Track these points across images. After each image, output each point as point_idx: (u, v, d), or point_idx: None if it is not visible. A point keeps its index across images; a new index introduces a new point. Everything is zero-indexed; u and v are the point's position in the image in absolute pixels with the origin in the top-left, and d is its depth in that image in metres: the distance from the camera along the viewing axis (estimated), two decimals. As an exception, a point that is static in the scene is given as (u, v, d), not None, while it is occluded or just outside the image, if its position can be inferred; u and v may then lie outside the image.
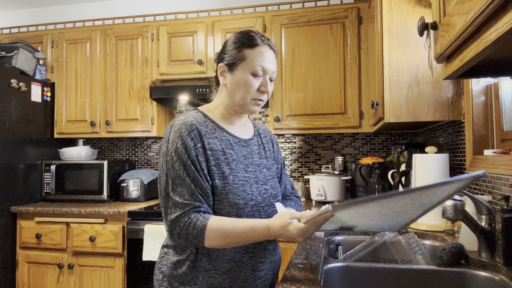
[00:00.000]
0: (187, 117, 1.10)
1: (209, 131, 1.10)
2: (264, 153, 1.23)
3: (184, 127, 1.07)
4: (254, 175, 1.13)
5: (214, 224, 0.99)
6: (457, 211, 1.15)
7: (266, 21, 2.72)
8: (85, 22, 3.30)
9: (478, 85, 1.60)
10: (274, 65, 1.14)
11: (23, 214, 2.67)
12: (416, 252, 1.32)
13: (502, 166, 1.27)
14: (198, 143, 1.05)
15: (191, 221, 1.00)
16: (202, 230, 0.99)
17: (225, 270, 1.06)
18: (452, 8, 0.80)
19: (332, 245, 1.60)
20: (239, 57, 1.11)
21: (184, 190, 1.02)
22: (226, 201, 1.05)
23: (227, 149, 1.10)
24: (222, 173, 1.06)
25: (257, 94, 1.12)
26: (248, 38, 1.12)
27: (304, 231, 0.93)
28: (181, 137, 1.05)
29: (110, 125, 2.95)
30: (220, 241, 1.00)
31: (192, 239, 1.01)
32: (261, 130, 1.29)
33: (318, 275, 1.04)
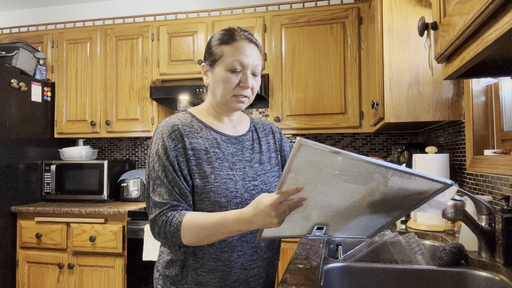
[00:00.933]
0: (171, 119, 1.12)
1: (193, 131, 1.10)
2: (258, 148, 1.19)
3: (165, 128, 1.08)
4: (241, 172, 1.11)
5: (188, 219, 0.99)
6: (457, 211, 1.15)
7: (266, 21, 2.72)
8: (86, 22, 3.30)
9: (478, 85, 1.60)
10: (255, 58, 1.11)
11: (23, 214, 2.67)
12: (416, 252, 1.32)
13: (502, 166, 1.27)
14: (178, 144, 1.06)
15: (167, 219, 1.01)
16: (178, 227, 0.99)
17: (211, 268, 1.06)
18: (452, 8, 0.80)
19: (332, 245, 1.60)
20: (217, 54, 1.10)
21: (163, 191, 1.03)
22: (207, 199, 1.04)
23: (211, 148, 1.09)
24: (203, 172, 1.06)
25: (237, 90, 1.09)
26: (227, 34, 1.10)
27: (277, 203, 0.84)
28: (161, 139, 1.07)
29: (110, 125, 2.95)
30: (195, 235, 0.98)
31: (170, 237, 1.01)
32: (259, 124, 1.27)
33: (318, 275, 1.04)
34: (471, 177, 1.64)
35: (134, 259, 2.45)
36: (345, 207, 0.91)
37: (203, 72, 1.16)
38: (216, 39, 1.12)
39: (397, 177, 0.82)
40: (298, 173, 0.80)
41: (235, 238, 1.07)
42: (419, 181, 0.83)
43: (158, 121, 2.94)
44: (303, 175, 0.81)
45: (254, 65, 1.10)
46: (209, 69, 1.13)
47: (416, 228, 1.64)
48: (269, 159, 1.20)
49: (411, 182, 0.83)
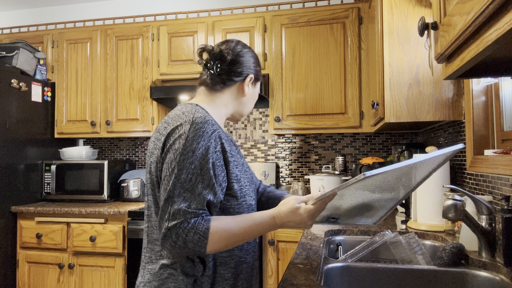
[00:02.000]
0: (204, 114, 0.99)
1: (220, 131, 1.02)
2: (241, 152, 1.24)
3: (207, 126, 0.96)
4: (250, 175, 1.16)
5: (217, 225, 0.91)
6: (458, 211, 1.15)
7: (267, 21, 2.72)
8: (86, 22, 3.30)
9: (478, 85, 1.60)
10: None
11: (24, 214, 2.67)
12: (417, 252, 1.32)
13: (503, 166, 1.27)
14: (218, 145, 0.97)
15: (191, 226, 0.89)
16: (205, 235, 0.89)
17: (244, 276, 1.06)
18: (452, 8, 0.80)
19: (332, 245, 1.60)
20: (259, 75, 1.21)
21: (192, 197, 0.91)
22: (245, 203, 1.04)
23: (232, 151, 1.06)
24: (236, 176, 1.03)
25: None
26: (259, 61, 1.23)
27: (313, 213, 0.94)
28: (204, 137, 0.94)
29: (110, 125, 2.95)
30: (224, 242, 0.92)
31: (192, 247, 0.89)
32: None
33: (318, 275, 1.04)
34: (471, 177, 1.64)
35: (134, 259, 2.45)
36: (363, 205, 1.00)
37: (247, 81, 1.14)
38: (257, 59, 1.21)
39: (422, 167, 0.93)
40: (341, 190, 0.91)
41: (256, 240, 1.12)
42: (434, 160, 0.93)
43: (158, 121, 2.94)
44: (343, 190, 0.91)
45: None
46: (253, 84, 1.19)
47: (416, 228, 1.63)
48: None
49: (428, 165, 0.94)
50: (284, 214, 0.96)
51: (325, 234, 1.57)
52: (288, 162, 3.02)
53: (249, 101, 1.19)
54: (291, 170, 3.01)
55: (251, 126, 3.10)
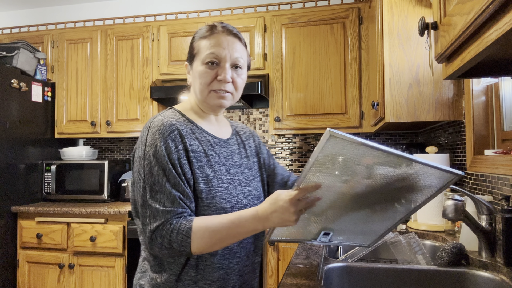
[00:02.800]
0: (165, 117, 1.00)
1: (189, 131, 1.01)
2: (244, 152, 1.16)
3: (163, 128, 0.97)
4: (236, 177, 1.06)
5: (199, 224, 0.91)
6: (458, 211, 1.15)
7: (267, 21, 2.72)
8: (86, 22, 3.30)
9: (478, 85, 1.60)
10: (235, 50, 1.04)
11: (24, 214, 2.67)
12: (417, 252, 1.32)
13: (503, 166, 1.27)
14: (179, 145, 0.96)
15: (173, 227, 0.90)
16: (187, 234, 0.89)
17: (214, 279, 0.99)
18: (452, 8, 0.80)
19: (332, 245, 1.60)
20: (194, 51, 1.06)
21: (164, 197, 0.93)
22: (213, 205, 0.98)
23: (208, 151, 1.03)
24: (206, 176, 0.99)
25: (215, 84, 1.02)
26: (206, 29, 1.06)
27: (296, 199, 0.82)
28: (160, 139, 0.95)
29: (110, 125, 2.95)
30: (208, 241, 0.90)
31: (177, 247, 0.90)
32: (239, 128, 1.22)
33: (319, 275, 1.04)
34: (471, 177, 1.64)
35: (134, 259, 2.45)
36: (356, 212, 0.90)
37: (187, 71, 1.11)
38: (196, 36, 1.08)
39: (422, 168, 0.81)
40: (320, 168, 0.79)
41: (235, 245, 1.03)
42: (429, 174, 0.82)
43: (158, 121, 2.93)
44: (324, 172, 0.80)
45: (234, 57, 1.04)
46: (189, 66, 1.08)
47: (416, 228, 1.63)
48: (253, 163, 1.17)
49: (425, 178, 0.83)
50: (267, 205, 0.87)
51: (325, 234, 1.57)
52: (288, 162, 3.02)
53: (195, 85, 1.06)
54: (291, 170, 3.01)
55: (251, 126, 3.10)
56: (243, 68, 1.08)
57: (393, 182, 0.84)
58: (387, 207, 0.91)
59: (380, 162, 0.79)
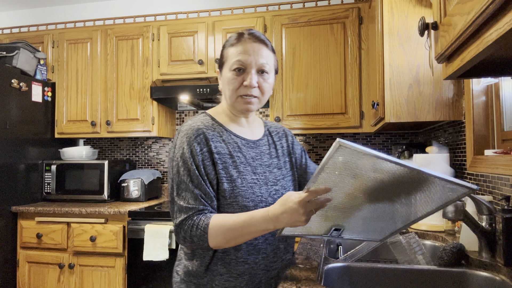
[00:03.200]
0: (194, 122, 1.11)
1: (216, 134, 1.09)
2: (275, 152, 1.21)
3: (190, 132, 1.07)
4: (263, 177, 1.12)
5: (215, 221, 0.99)
6: (458, 211, 1.15)
7: (267, 21, 2.72)
8: (86, 22, 3.30)
9: (478, 85, 1.60)
10: (261, 56, 1.09)
11: (24, 214, 2.67)
12: (417, 252, 1.32)
13: (503, 166, 1.27)
14: (204, 148, 1.06)
15: (193, 222, 1.01)
16: (205, 229, 0.99)
17: (240, 273, 1.06)
18: (452, 8, 0.80)
19: (332, 245, 1.60)
20: (224, 57, 1.13)
21: (188, 195, 1.03)
22: (236, 204, 1.05)
23: (234, 152, 1.10)
24: (230, 176, 1.06)
25: (242, 90, 1.09)
26: (233, 38, 1.12)
27: (305, 201, 0.85)
28: (187, 143, 1.06)
29: (110, 125, 2.95)
30: (222, 237, 0.98)
31: (196, 241, 1.01)
32: (273, 128, 1.28)
33: (319, 275, 1.04)
34: (471, 177, 1.64)
35: (134, 259, 2.45)
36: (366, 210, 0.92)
37: (218, 78, 1.18)
38: (226, 44, 1.15)
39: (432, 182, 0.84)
40: (330, 173, 0.82)
41: (260, 241, 1.08)
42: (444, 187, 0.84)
43: (158, 121, 2.94)
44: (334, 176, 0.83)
45: (259, 63, 1.09)
46: (220, 73, 1.16)
47: (416, 228, 1.63)
48: (284, 163, 1.22)
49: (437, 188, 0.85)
50: (277, 206, 0.92)
51: (325, 234, 1.57)
52: (288, 162, 3.02)
53: (224, 91, 1.14)
54: (291, 170, 3.01)
55: (251, 126, 3.09)
56: (270, 73, 1.13)
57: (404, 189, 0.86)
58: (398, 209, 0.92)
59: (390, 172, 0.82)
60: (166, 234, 2.31)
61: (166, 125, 3.10)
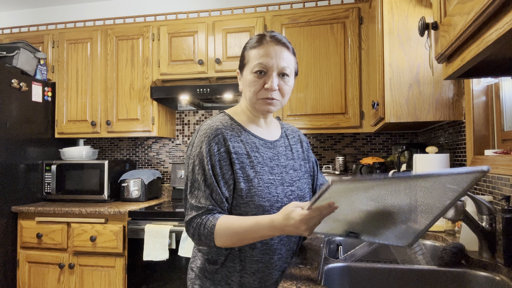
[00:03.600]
0: (213, 121, 1.12)
1: (234, 134, 1.11)
2: (291, 154, 1.22)
3: (209, 131, 1.08)
4: (280, 177, 1.13)
5: (222, 223, 1.01)
6: (458, 211, 1.15)
7: (267, 21, 2.72)
8: (86, 22, 3.30)
9: (478, 85, 1.60)
10: (282, 59, 1.10)
11: (24, 214, 2.67)
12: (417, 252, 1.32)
13: (503, 166, 1.27)
14: (222, 148, 1.07)
15: (202, 221, 1.03)
16: (211, 230, 1.01)
17: (254, 270, 1.08)
18: (452, 8, 0.80)
19: (332, 245, 1.60)
20: (246, 58, 1.14)
21: (200, 194, 1.05)
22: (252, 203, 1.06)
23: (252, 152, 1.11)
24: (247, 176, 1.07)
25: (263, 93, 1.10)
26: (255, 39, 1.14)
27: (307, 218, 0.87)
28: (205, 142, 1.07)
29: (110, 125, 2.95)
30: (228, 239, 1.01)
31: (204, 239, 1.03)
32: (289, 131, 1.31)
33: (319, 275, 1.04)
34: (471, 177, 1.64)
35: (134, 259, 2.46)
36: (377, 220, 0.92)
37: (238, 78, 1.20)
38: (247, 45, 1.16)
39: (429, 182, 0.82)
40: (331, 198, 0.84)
41: (276, 241, 1.10)
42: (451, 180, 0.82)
43: (158, 121, 2.94)
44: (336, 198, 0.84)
45: (280, 66, 1.10)
46: (240, 74, 1.18)
47: (416, 228, 1.63)
48: (300, 166, 1.24)
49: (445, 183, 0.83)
50: (281, 218, 0.94)
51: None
52: (289, 162, 3.02)
53: (245, 92, 1.15)
54: (292, 170, 3.01)
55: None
56: (290, 76, 1.15)
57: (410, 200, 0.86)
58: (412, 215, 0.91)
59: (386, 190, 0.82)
60: (166, 234, 2.31)
61: (166, 125, 3.10)
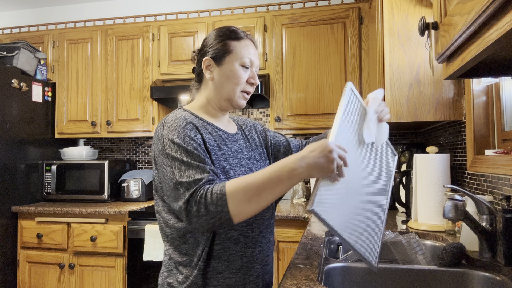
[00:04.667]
0: (177, 114, 1.05)
1: (201, 126, 1.05)
2: (250, 146, 1.19)
3: (178, 121, 1.00)
4: (248, 169, 1.11)
5: (232, 181, 0.90)
6: (458, 211, 1.15)
7: (267, 21, 2.72)
8: (86, 22, 3.30)
9: (479, 85, 1.60)
10: (257, 59, 1.15)
11: (24, 214, 2.67)
12: (417, 252, 1.32)
13: (503, 166, 1.27)
14: (197, 134, 1.00)
15: (207, 190, 0.90)
16: (222, 191, 0.88)
17: (238, 267, 1.04)
18: (453, 8, 0.80)
19: (332, 245, 1.60)
20: (226, 49, 1.09)
21: (193, 171, 0.93)
22: None
23: (221, 145, 1.07)
24: (223, 168, 1.03)
25: (246, 86, 1.11)
26: (232, 31, 1.11)
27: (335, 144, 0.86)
28: (178, 129, 0.98)
29: (111, 125, 2.95)
30: (243, 195, 0.87)
31: (213, 209, 0.88)
32: (241, 122, 1.26)
33: (319, 275, 1.04)
34: (472, 177, 1.64)
35: (134, 259, 2.45)
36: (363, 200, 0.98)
37: (204, 66, 1.11)
38: (219, 35, 1.11)
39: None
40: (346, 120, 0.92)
41: (256, 233, 1.07)
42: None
43: (158, 121, 2.94)
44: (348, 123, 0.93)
45: (257, 64, 1.14)
46: (214, 64, 1.10)
47: (416, 228, 1.63)
48: (260, 155, 1.20)
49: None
50: (305, 147, 0.89)
51: (325, 234, 1.57)
52: (289, 162, 3.02)
53: (223, 83, 1.09)
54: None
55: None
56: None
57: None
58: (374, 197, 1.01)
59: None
60: (166, 234, 2.31)
61: (166, 125, 3.09)
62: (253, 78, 1.11)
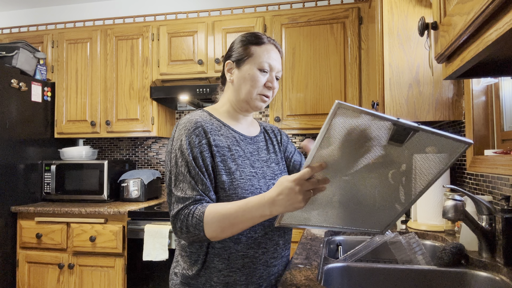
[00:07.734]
0: (192, 116, 1.12)
1: (214, 128, 1.11)
2: (272, 148, 1.24)
3: (189, 124, 1.08)
4: (261, 171, 1.14)
5: (211, 209, 0.98)
6: (458, 211, 1.15)
7: (267, 21, 2.72)
8: (86, 22, 3.30)
9: (478, 85, 1.60)
10: (279, 64, 1.18)
11: (24, 214, 2.67)
12: (417, 252, 1.32)
13: (503, 166, 1.27)
14: (203, 140, 1.06)
15: (189, 211, 0.99)
16: (200, 218, 0.97)
17: (239, 267, 1.06)
18: (452, 8, 0.80)
19: (332, 245, 1.60)
20: (246, 53, 1.15)
21: (185, 186, 1.03)
22: (235, 196, 1.06)
23: (233, 146, 1.12)
24: (229, 168, 1.07)
25: (263, 90, 1.15)
26: (255, 37, 1.17)
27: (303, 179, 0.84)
28: (185, 135, 1.07)
29: (110, 125, 2.95)
30: (218, 225, 0.96)
31: (192, 230, 0.98)
32: (268, 127, 1.32)
33: (319, 275, 1.04)
34: (471, 177, 1.64)
35: (134, 259, 2.45)
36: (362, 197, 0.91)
37: (226, 69, 1.19)
38: (242, 40, 1.18)
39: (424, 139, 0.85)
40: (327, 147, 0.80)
41: (260, 235, 1.09)
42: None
43: (158, 121, 2.94)
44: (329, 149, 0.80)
45: (278, 69, 1.17)
46: (235, 67, 1.16)
47: (416, 228, 1.63)
48: (281, 159, 1.26)
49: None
50: (273, 188, 0.91)
51: (325, 234, 1.57)
52: (288, 162, 3.02)
53: (241, 85, 1.14)
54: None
55: (251, 126, 3.10)
56: (278, 80, 1.21)
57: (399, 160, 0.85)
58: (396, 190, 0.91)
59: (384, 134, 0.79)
60: (166, 234, 2.31)
61: (166, 125, 3.10)
62: (271, 82, 1.14)
